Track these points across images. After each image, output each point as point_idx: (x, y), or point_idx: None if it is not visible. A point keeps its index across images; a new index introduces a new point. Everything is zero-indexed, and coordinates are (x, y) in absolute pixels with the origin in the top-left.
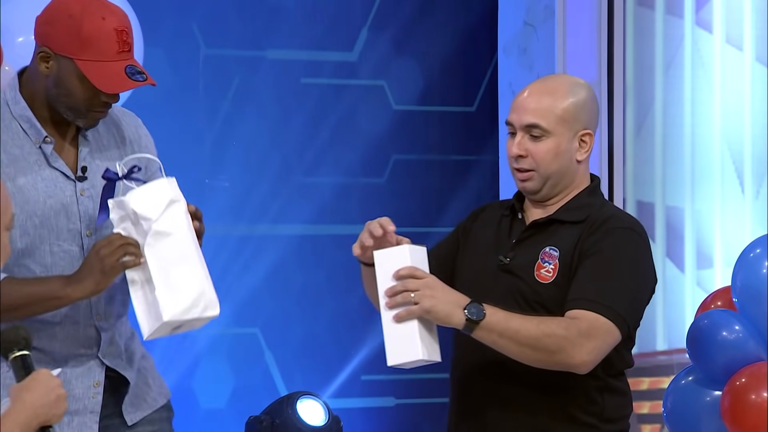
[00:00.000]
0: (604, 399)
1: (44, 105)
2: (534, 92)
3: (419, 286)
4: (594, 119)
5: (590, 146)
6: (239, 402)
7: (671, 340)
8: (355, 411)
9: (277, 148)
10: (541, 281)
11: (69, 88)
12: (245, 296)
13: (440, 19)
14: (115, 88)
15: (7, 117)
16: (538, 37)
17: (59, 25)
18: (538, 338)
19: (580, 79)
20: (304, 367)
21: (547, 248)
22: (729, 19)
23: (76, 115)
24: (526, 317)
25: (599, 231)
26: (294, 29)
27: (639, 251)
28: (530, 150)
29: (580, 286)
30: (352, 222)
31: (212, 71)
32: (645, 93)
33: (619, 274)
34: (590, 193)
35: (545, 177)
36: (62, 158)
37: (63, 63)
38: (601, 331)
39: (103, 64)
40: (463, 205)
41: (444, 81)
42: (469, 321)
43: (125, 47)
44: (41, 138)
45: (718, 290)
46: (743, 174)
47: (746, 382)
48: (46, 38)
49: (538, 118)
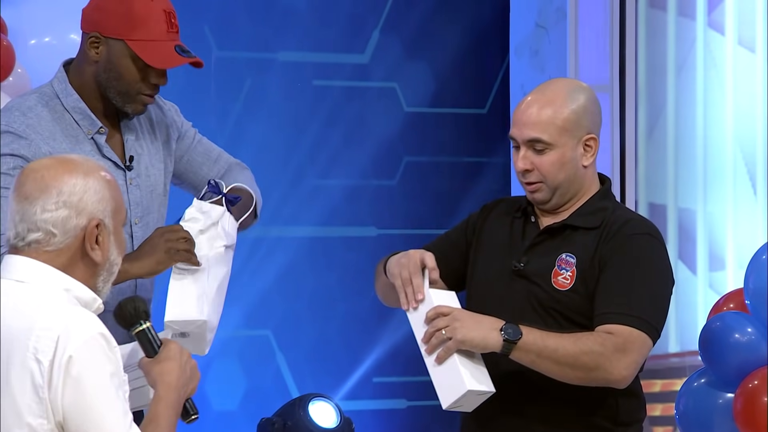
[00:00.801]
0: (618, 403)
1: (94, 94)
2: (532, 104)
3: (448, 321)
4: (596, 122)
5: (596, 150)
6: (251, 404)
7: (683, 343)
8: (366, 413)
9: (288, 150)
10: (559, 288)
11: (119, 71)
12: (257, 298)
13: (452, 21)
14: (166, 64)
15: (59, 109)
16: (549, 39)
17: (109, 9)
18: (576, 356)
19: (578, 83)
20: (315, 369)
21: (563, 255)
22: (741, 21)
23: (125, 100)
24: (562, 335)
25: (617, 238)
26: (305, 31)
27: (659, 256)
28: (536, 163)
29: (607, 298)
30: (363, 224)
31: (224, 73)
32: (657, 95)
33: (643, 282)
34: (602, 196)
35: (554, 187)
36: (113, 149)
37: (113, 46)
38: (636, 344)
39: (154, 43)
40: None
41: (455, 83)
42: (506, 342)
43: (173, 28)
44: (95, 128)
45: (731, 292)
46: (756, 176)
47: (759, 384)
48: (96, 24)
49: (540, 132)
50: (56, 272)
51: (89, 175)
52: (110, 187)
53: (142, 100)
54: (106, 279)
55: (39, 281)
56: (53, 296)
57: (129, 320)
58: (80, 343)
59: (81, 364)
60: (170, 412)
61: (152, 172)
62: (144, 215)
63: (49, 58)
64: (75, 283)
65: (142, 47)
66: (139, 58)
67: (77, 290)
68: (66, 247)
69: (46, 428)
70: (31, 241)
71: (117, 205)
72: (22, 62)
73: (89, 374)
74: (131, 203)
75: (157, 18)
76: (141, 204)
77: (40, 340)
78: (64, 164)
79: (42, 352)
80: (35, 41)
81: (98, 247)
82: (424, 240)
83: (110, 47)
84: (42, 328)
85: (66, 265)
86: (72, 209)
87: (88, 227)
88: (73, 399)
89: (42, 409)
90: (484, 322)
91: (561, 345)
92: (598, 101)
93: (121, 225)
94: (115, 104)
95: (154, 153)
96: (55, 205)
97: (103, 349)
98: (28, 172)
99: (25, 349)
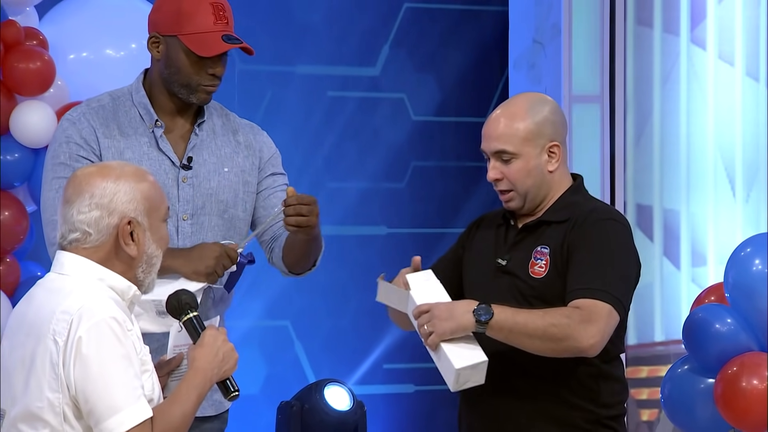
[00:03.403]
0: (600, 385)
1: (162, 93)
2: (497, 119)
3: (427, 318)
4: (559, 130)
5: (560, 155)
6: (271, 388)
7: (668, 332)
8: (377, 397)
9: (305, 156)
10: (535, 276)
11: (177, 65)
12: (277, 292)
13: (456, 37)
14: (212, 51)
15: (128, 104)
16: (545, 54)
17: (163, 9)
18: (545, 328)
19: (541, 96)
20: (330, 356)
21: (538, 247)
22: (721, 37)
23: (188, 92)
24: (532, 311)
25: (583, 225)
26: (321, 46)
27: (621, 238)
28: (504, 172)
29: (575, 277)
30: (374, 224)
31: (246, 86)
32: (644, 104)
33: (608, 261)
34: (573, 192)
35: (523, 194)
36: (172, 146)
37: (170, 42)
38: (601, 314)
39: (203, 35)
40: (476, 207)
41: (459, 94)
42: (479, 323)
43: (222, 19)
44: (153, 122)
45: (712, 286)
46: (735, 179)
47: (737, 370)
48: (154, 25)
49: (504, 144)
50: (93, 264)
51: (121, 178)
52: (144, 189)
53: (204, 89)
54: (146, 270)
55: (77, 273)
56: (84, 285)
57: (176, 311)
58: (90, 325)
59: (89, 344)
60: (191, 392)
61: (215, 179)
62: (195, 214)
63: (87, 72)
64: (109, 273)
65: (192, 40)
66: (191, 51)
67: (111, 280)
68: (102, 243)
69: (62, 401)
70: (71, 239)
71: (152, 204)
72: (62, 75)
73: (97, 353)
74: (180, 199)
75: (204, 12)
76: (192, 202)
77: (59, 323)
78: (101, 170)
79: (59, 334)
80: (74, 56)
81: (133, 242)
82: (429, 237)
83: (168, 44)
84: (61, 311)
85: (104, 259)
86: (103, 210)
87: (120, 225)
88: (82, 375)
89: (58, 384)
90: (456, 310)
91: (530, 320)
92: (561, 111)
93: (160, 221)
94: (181, 98)
95: (227, 164)
96: (88, 207)
97: (114, 331)
98: (71, 179)
99: (47, 331)
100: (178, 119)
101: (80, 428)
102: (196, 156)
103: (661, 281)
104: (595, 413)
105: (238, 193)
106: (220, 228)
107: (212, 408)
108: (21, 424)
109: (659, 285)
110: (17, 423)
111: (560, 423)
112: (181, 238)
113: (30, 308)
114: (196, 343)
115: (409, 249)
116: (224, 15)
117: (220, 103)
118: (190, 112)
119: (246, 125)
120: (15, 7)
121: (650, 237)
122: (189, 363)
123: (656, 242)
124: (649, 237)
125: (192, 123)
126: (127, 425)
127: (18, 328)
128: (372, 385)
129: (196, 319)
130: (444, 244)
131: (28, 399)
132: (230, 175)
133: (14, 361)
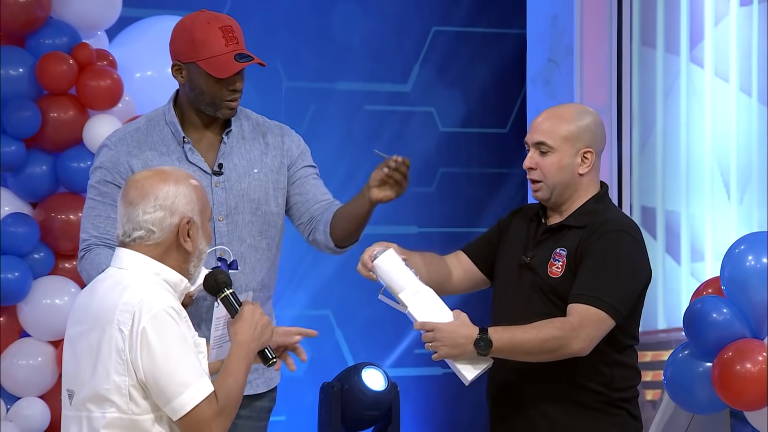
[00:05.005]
0: (612, 371)
1: (191, 111)
2: (545, 116)
3: (431, 338)
4: (597, 140)
5: (591, 162)
6: (314, 371)
7: (670, 321)
8: (409, 378)
9: (344, 163)
10: (552, 276)
11: (200, 87)
12: (319, 284)
13: (479, 57)
14: (226, 73)
15: (161, 123)
16: (560, 72)
17: (179, 40)
18: (540, 345)
19: (588, 108)
20: (367, 342)
21: (558, 249)
22: (717, 57)
23: (214, 109)
24: (527, 329)
25: (596, 234)
26: (359, 65)
27: (626, 248)
28: (539, 163)
29: (578, 283)
30: (407, 223)
31: (292, 100)
32: (648, 117)
33: (609, 270)
34: (597, 200)
35: (552, 187)
36: (202, 156)
37: (190, 68)
38: (591, 320)
39: (217, 58)
40: (498, 209)
41: (482, 107)
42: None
43: (232, 40)
44: (181, 138)
45: (709, 280)
46: (729, 183)
47: (733, 355)
48: (175, 54)
49: (545, 137)
50: (150, 260)
51: (179, 182)
52: (197, 191)
53: (227, 105)
54: (196, 264)
55: (136, 268)
56: (142, 279)
57: (213, 289)
58: (151, 315)
59: (152, 334)
60: (240, 365)
61: (246, 180)
62: (230, 214)
63: (151, 88)
64: (164, 268)
65: (209, 64)
66: (209, 74)
67: (165, 274)
68: (162, 240)
69: (128, 384)
70: (135, 237)
71: (203, 205)
72: (129, 92)
73: (160, 340)
74: (215, 202)
75: (214, 37)
76: (226, 204)
77: (122, 314)
78: (160, 175)
79: (123, 324)
80: (139, 74)
81: (189, 239)
82: (456, 235)
83: (189, 70)
84: (124, 303)
85: (162, 254)
86: (167, 210)
87: (180, 224)
88: (149, 361)
89: (124, 368)
90: (458, 338)
91: (526, 339)
92: (603, 125)
93: (207, 221)
94: (208, 114)
95: (256, 166)
96: (153, 208)
97: (173, 320)
98: (132, 183)
99: (112, 320)
100: (207, 132)
101: (146, 406)
102: (226, 162)
103: (664, 275)
104: (608, 395)
105: (268, 191)
106: (255, 224)
107: (264, 384)
108: (89, 403)
109: (662, 279)
110: (86, 403)
111: (574, 403)
112: (218, 236)
113: (93, 300)
114: (234, 317)
115: (438, 246)
116: (234, 36)
117: (268, 116)
118: (218, 123)
119: (275, 126)
120: (87, 32)
121: (653, 236)
122: (231, 337)
123: (659, 240)
124: (653, 235)
125: (220, 133)
126: (197, 399)
127: (83, 318)
128: (404, 368)
129: (232, 295)
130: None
131: (95, 382)
132: (260, 175)
133: (81, 348)
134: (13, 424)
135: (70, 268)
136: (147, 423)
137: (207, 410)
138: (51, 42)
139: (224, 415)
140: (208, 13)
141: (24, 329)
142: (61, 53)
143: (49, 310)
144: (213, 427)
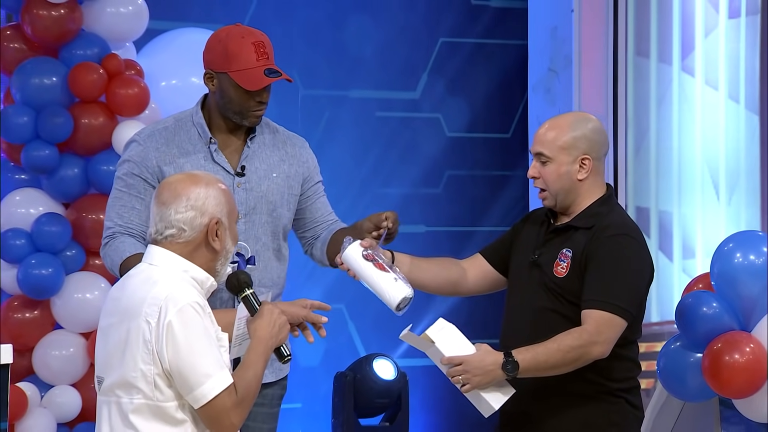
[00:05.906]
0: (613, 364)
1: (218, 116)
2: (546, 127)
3: (458, 371)
4: (595, 146)
5: (589, 168)
6: (329, 361)
7: (663, 314)
8: (418, 368)
9: (357, 167)
10: (557, 276)
11: (229, 96)
12: (333, 279)
13: (483, 66)
14: (255, 86)
15: (189, 124)
16: (559, 80)
17: (213, 50)
18: (563, 357)
19: (588, 116)
20: (378, 334)
21: (564, 249)
22: (707, 66)
23: (241, 117)
24: (547, 344)
25: (601, 238)
26: (371, 74)
27: (631, 251)
28: (541, 172)
29: (588, 289)
30: (415, 223)
31: (308, 107)
32: (642, 123)
33: (616, 273)
34: (602, 202)
35: (554, 194)
36: (227, 158)
37: (221, 78)
38: (606, 325)
39: (248, 71)
40: (501, 210)
41: (486, 114)
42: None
43: (263, 56)
44: (208, 139)
45: (700, 275)
46: (719, 186)
47: (722, 346)
48: (208, 63)
49: (543, 148)
50: (180, 258)
51: (210, 185)
52: (225, 194)
53: (253, 114)
54: (223, 263)
55: (166, 264)
56: (171, 275)
57: (235, 289)
58: (176, 310)
59: (177, 327)
60: (258, 359)
61: (266, 183)
62: (248, 213)
63: (176, 96)
64: (192, 266)
65: (240, 76)
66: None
67: (193, 271)
68: (192, 239)
69: (153, 372)
70: (167, 235)
71: (231, 207)
72: (155, 99)
73: (185, 334)
74: (237, 201)
75: (247, 51)
76: (246, 204)
77: (150, 307)
78: (192, 178)
79: (150, 316)
80: (165, 83)
81: (217, 239)
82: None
83: (220, 79)
84: (152, 297)
85: (191, 252)
86: (197, 211)
87: (209, 224)
88: (173, 351)
89: (150, 358)
90: (486, 365)
91: (550, 355)
92: (603, 131)
93: (234, 222)
94: (234, 121)
95: (275, 171)
96: (184, 208)
97: (197, 314)
98: (165, 185)
99: (140, 313)
100: (232, 137)
101: (170, 393)
102: (249, 165)
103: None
104: (607, 386)
105: (283, 195)
106: (269, 224)
107: (273, 374)
108: (118, 390)
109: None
110: (114, 389)
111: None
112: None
113: (124, 293)
114: (253, 315)
115: (444, 244)
116: (265, 51)
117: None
118: (242, 129)
119: (295, 138)
120: (116, 43)
121: (647, 234)
122: (251, 333)
123: (652, 238)
124: (647, 234)
125: (244, 139)
126: (217, 390)
127: (114, 310)
128: (413, 358)
129: (252, 295)
130: (474, 240)
131: (123, 369)
132: (278, 180)
133: (111, 337)
134: (47, 410)
135: (100, 264)
136: (171, 409)
137: (227, 400)
138: (82, 53)
139: (243, 405)
140: (242, 28)
141: (57, 322)
142: (92, 63)
143: (80, 303)
144: (232, 416)
